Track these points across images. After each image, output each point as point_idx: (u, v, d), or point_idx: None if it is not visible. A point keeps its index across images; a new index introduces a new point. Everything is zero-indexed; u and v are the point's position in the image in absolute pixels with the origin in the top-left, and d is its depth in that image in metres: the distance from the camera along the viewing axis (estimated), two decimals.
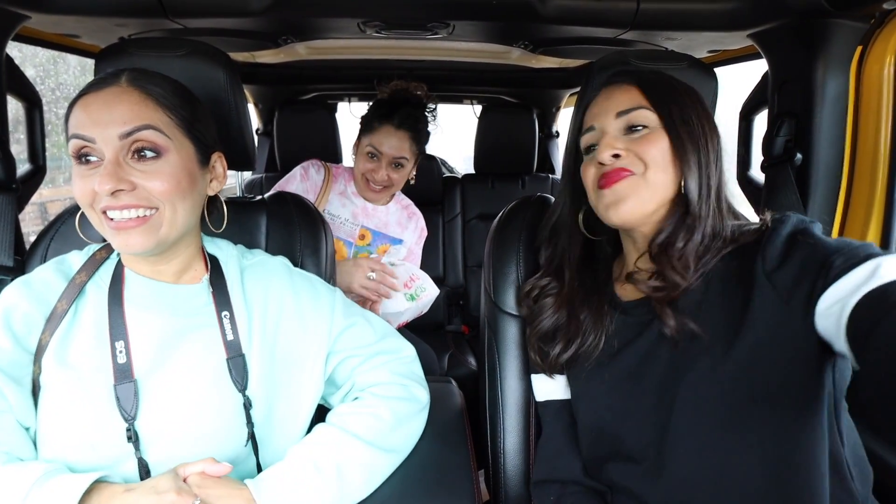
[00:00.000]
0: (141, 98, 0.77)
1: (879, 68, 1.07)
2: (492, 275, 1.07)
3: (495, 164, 2.48)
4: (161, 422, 0.78)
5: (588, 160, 0.86)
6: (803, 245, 0.70)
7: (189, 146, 0.81)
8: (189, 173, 0.80)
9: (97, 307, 0.83)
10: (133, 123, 0.75)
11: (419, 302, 1.66)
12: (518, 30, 1.56)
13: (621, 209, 0.80)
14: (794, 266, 0.69)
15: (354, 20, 1.42)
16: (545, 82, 2.50)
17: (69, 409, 0.76)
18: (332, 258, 1.15)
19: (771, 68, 1.22)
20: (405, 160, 1.64)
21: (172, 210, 0.78)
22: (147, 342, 0.81)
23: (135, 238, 0.76)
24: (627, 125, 0.82)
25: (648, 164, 0.79)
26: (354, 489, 0.81)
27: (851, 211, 1.14)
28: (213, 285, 0.88)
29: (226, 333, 0.85)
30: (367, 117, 1.66)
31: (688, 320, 0.75)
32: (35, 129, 1.31)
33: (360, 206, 1.73)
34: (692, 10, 1.22)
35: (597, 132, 0.85)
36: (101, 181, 0.73)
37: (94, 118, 0.74)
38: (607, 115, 0.83)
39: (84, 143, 0.74)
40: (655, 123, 0.80)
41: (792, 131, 1.15)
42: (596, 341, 0.86)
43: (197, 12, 1.28)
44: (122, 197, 0.74)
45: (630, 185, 0.79)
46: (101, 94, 0.76)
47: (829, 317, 0.64)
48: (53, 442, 0.76)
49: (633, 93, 0.83)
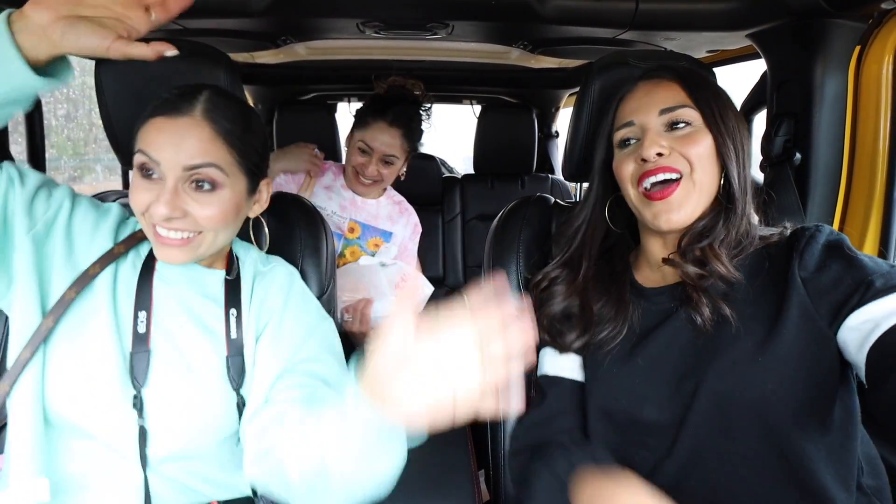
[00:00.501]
0: (211, 135, 0.80)
1: (878, 68, 1.07)
2: (492, 275, 1.07)
3: (495, 164, 2.48)
4: (166, 394, 0.81)
5: (624, 155, 0.84)
6: (841, 256, 0.73)
7: (243, 180, 0.85)
8: (237, 206, 0.85)
9: (126, 276, 0.87)
10: (199, 159, 0.79)
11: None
12: (517, 30, 1.57)
13: (673, 218, 0.80)
14: (830, 274, 0.72)
15: (353, 20, 1.42)
16: (544, 82, 2.50)
17: (79, 368, 0.79)
18: (333, 258, 1.15)
19: (770, 68, 1.23)
20: (395, 157, 1.64)
21: (214, 236, 0.84)
22: (165, 316, 0.85)
23: (175, 254, 0.81)
24: (670, 122, 0.81)
25: (694, 164, 0.79)
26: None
27: (850, 211, 1.14)
28: (227, 283, 0.90)
29: (230, 330, 0.86)
30: (361, 112, 1.67)
31: (723, 305, 0.76)
32: (34, 131, 1.31)
33: (349, 199, 1.72)
34: (691, 10, 1.22)
35: (636, 128, 0.83)
36: (158, 206, 0.78)
37: (163, 143, 0.79)
38: (649, 111, 0.82)
39: (149, 160, 0.79)
40: (699, 122, 0.80)
41: (791, 131, 1.15)
42: (618, 329, 0.85)
43: (196, 13, 1.27)
44: (174, 222, 0.80)
45: (682, 193, 0.79)
46: (177, 123, 0.80)
47: (856, 331, 0.68)
48: (59, 395, 0.78)
49: (676, 89, 0.82)
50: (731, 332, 0.75)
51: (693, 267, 0.79)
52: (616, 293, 0.88)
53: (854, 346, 0.68)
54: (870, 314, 0.67)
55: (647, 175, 0.80)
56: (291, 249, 1.09)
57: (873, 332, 0.66)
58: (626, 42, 1.46)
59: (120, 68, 0.97)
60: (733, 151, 0.80)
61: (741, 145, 0.81)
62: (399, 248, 1.81)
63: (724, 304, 0.76)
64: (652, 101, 0.82)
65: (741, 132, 0.82)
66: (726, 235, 0.79)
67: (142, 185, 0.80)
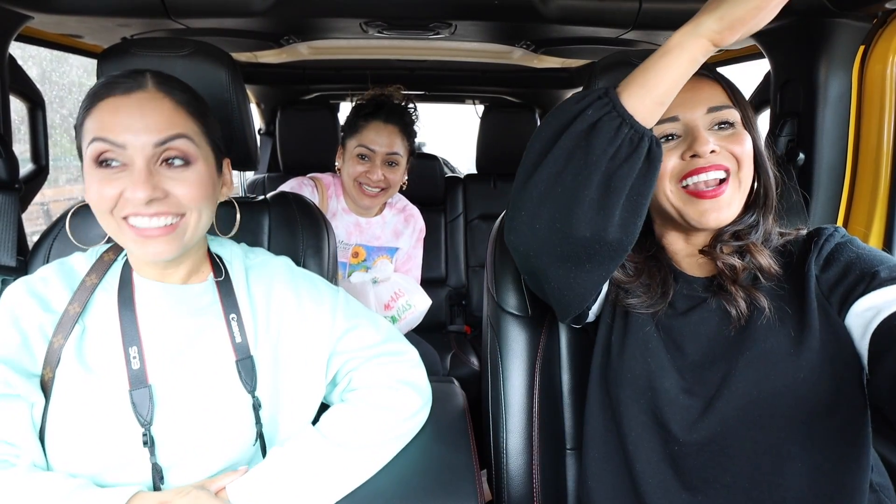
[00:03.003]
0: (173, 106, 0.76)
1: (882, 68, 1.06)
2: (494, 275, 1.07)
3: (497, 164, 2.48)
4: (175, 425, 0.78)
5: (667, 150, 0.82)
6: (849, 250, 0.78)
7: (210, 154, 0.82)
8: (212, 180, 0.81)
9: (107, 311, 0.81)
10: (168, 132, 0.74)
11: (403, 321, 1.61)
12: (520, 30, 1.56)
13: (722, 216, 0.80)
14: (838, 267, 0.77)
15: (356, 20, 1.42)
16: (547, 82, 2.50)
17: (83, 413, 0.76)
18: (335, 258, 1.15)
19: (773, 68, 1.22)
20: (399, 156, 1.58)
21: (198, 216, 0.78)
22: (159, 346, 0.81)
23: (161, 246, 0.75)
24: (716, 122, 0.81)
25: (742, 162, 0.80)
26: (332, 489, 0.82)
27: (854, 210, 1.13)
28: (219, 286, 0.87)
29: (234, 335, 0.84)
30: (350, 120, 1.60)
31: (761, 297, 0.79)
32: (38, 130, 1.31)
33: (353, 223, 1.66)
34: (695, 9, 1.20)
35: (680, 123, 0.82)
36: (136, 189, 0.71)
37: (125, 124, 0.72)
38: (695, 108, 0.81)
39: (109, 147, 0.72)
40: (739, 123, 0.82)
41: (794, 131, 1.15)
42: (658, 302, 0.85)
43: (199, 12, 1.28)
44: (155, 205, 0.73)
45: (731, 192, 0.80)
46: (131, 99, 0.74)
47: (860, 318, 0.72)
48: (63, 444, 0.75)
49: (719, 89, 0.83)
50: (765, 323, 0.78)
51: (734, 259, 0.82)
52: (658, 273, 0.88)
53: (858, 334, 0.72)
54: (872, 302, 0.71)
55: (695, 172, 0.80)
56: (294, 249, 1.09)
57: (875, 319, 0.69)
58: (629, 42, 1.45)
59: (121, 69, 0.97)
60: (764, 151, 0.83)
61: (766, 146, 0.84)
62: (404, 256, 1.78)
63: (761, 296, 0.79)
64: (698, 98, 0.81)
65: (760, 136, 0.85)
66: (755, 233, 0.83)
67: (102, 178, 0.73)
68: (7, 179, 1.12)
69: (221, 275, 0.88)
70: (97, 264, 0.85)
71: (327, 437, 0.84)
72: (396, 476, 0.88)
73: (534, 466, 0.99)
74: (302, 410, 0.89)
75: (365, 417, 0.88)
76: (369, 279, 1.63)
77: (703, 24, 0.66)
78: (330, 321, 0.92)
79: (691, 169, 0.80)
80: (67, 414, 0.76)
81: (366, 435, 0.86)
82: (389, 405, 0.91)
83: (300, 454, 0.82)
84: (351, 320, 0.94)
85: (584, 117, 0.69)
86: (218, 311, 0.86)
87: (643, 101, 0.68)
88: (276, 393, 0.86)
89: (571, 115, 0.70)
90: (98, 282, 0.83)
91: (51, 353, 0.77)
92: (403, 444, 0.92)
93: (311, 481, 0.80)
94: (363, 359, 0.93)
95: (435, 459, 0.92)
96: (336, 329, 0.93)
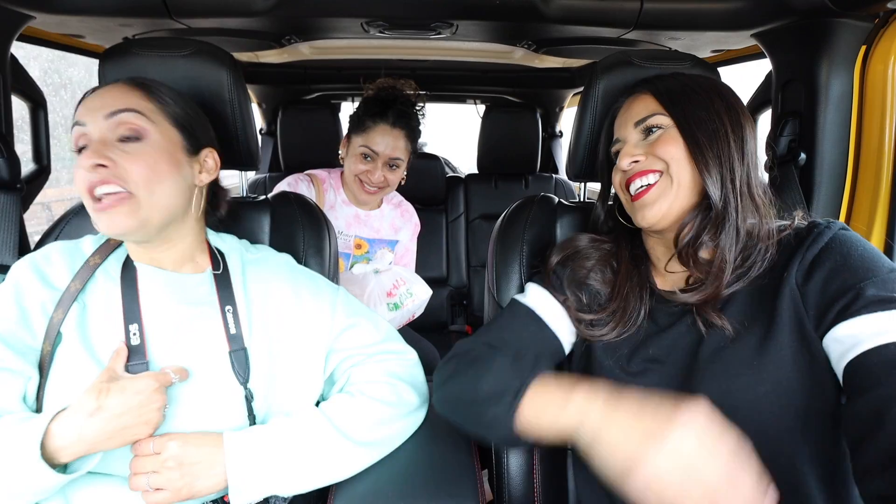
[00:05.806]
0: (129, 88, 0.83)
1: (884, 68, 1.06)
2: (495, 275, 1.07)
3: (499, 163, 2.47)
4: (169, 408, 0.80)
5: (615, 167, 0.90)
6: (835, 254, 0.72)
7: (175, 134, 0.85)
8: (171, 158, 0.83)
9: (107, 291, 0.85)
10: (117, 106, 0.80)
11: (405, 308, 1.63)
12: (521, 29, 1.56)
13: (648, 214, 0.83)
14: (821, 275, 0.72)
15: (358, 20, 1.42)
16: (548, 82, 2.50)
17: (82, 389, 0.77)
18: (336, 257, 1.16)
19: (775, 68, 1.22)
20: (400, 160, 1.60)
21: (149, 193, 0.80)
22: (158, 327, 0.84)
23: (118, 218, 0.79)
24: (645, 130, 0.85)
25: (669, 162, 0.81)
26: (321, 471, 0.84)
27: (855, 211, 1.13)
28: (217, 279, 0.90)
29: (228, 327, 0.87)
30: (357, 116, 1.61)
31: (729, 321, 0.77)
32: (39, 130, 1.32)
33: (353, 215, 1.69)
34: (696, 9, 1.21)
35: (621, 143, 0.89)
36: (85, 157, 0.77)
37: (87, 106, 0.81)
38: (627, 126, 0.87)
39: (80, 129, 0.80)
40: (669, 124, 0.83)
41: (796, 131, 1.15)
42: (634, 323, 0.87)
43: (200, 12, 1.28)
44: (101, 171, 0.78)
45: (658, 191, 0.82)
46: (99, 90, 0.83)
47: (839, 343, 0.68)
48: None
49: (648, 100, 0.86)
50: (729, 336, 0.77)
51: (685, 289, 0.83)
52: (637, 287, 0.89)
53: (835, 357, 0.69)
54: (854, 328, 0.66)
55: (630, 181, 0.85)
56: (295, 248, 1.09)
57: (854, 349, 0.65)
58: (630, 42, 1.45)
59: (123, 69, 0.97)
60: (710, 150, 0.79)
61: (726, 140, 0.79)
62: (402, 249, 1.81)
63: (717, 315, 0.78)
64: (629, 116, 0.88)
65: (727, 126, 0.80)
66: (717, 242, 0.79)
67: (79, 161, 0.80)
68: (9, 179, 1.13)
69: (219, 268, 0.91)
70: (102, 246, 0.89)
71: (330, 420, 0.86)
72: (397, 475, 0.88)
73: (534, 466, 0.99)
74: (297, 405, 0.90)
75: (363, 407, 0.90)
76: (371, 269, 1.65)
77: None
78: (329, 318, 0.94)
79: (627, 178, 0.86)
80: (65, 389, 0.78)
81: (364, 423, 0.88)
82: (387, 400, 0.92)
83: (300, 426, 0.85)
84: (350, 318, 0.96)
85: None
86: (214, 303, 0.88)
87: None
88: (271, 386, 0.87)
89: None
90: (101, 262, 0.87)
91: (50, 329, 0.80)
92: (400, 441, 0.93)
93: (304, 454, 0.83)
94: (362, 357, 0.95)
95: (436, 459, 0.92)
96: (335, 326, 0.94)
